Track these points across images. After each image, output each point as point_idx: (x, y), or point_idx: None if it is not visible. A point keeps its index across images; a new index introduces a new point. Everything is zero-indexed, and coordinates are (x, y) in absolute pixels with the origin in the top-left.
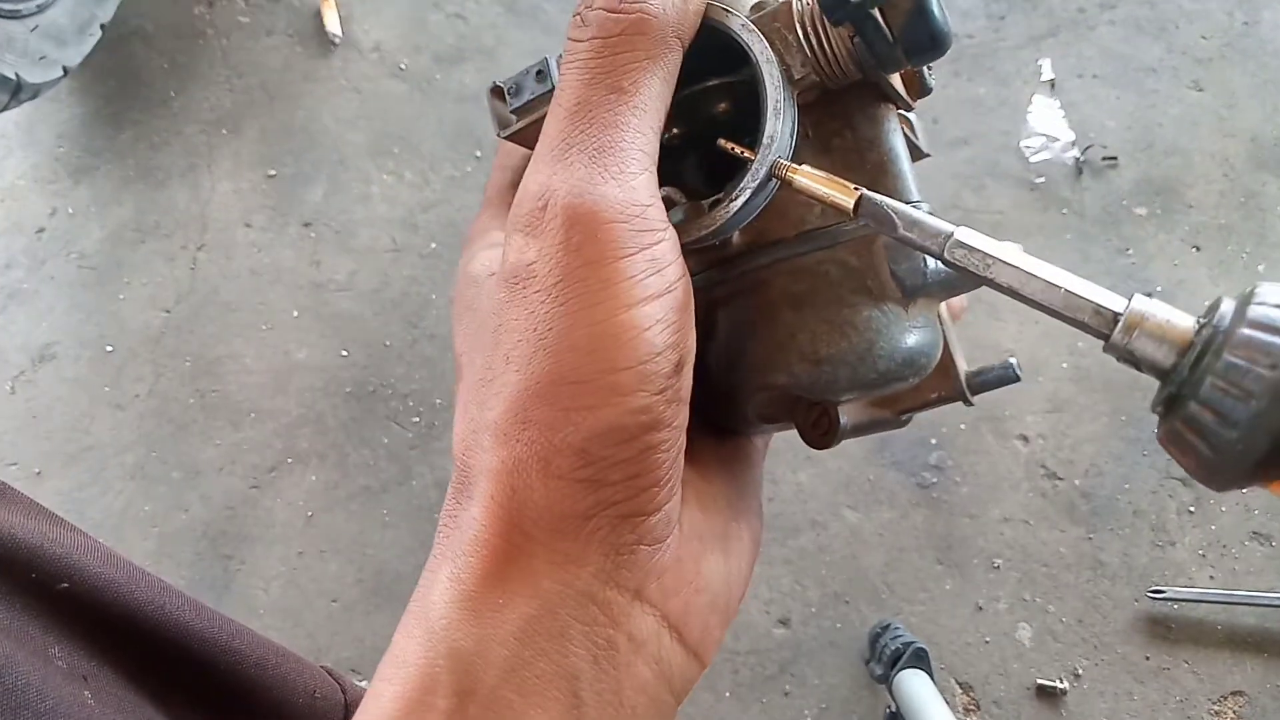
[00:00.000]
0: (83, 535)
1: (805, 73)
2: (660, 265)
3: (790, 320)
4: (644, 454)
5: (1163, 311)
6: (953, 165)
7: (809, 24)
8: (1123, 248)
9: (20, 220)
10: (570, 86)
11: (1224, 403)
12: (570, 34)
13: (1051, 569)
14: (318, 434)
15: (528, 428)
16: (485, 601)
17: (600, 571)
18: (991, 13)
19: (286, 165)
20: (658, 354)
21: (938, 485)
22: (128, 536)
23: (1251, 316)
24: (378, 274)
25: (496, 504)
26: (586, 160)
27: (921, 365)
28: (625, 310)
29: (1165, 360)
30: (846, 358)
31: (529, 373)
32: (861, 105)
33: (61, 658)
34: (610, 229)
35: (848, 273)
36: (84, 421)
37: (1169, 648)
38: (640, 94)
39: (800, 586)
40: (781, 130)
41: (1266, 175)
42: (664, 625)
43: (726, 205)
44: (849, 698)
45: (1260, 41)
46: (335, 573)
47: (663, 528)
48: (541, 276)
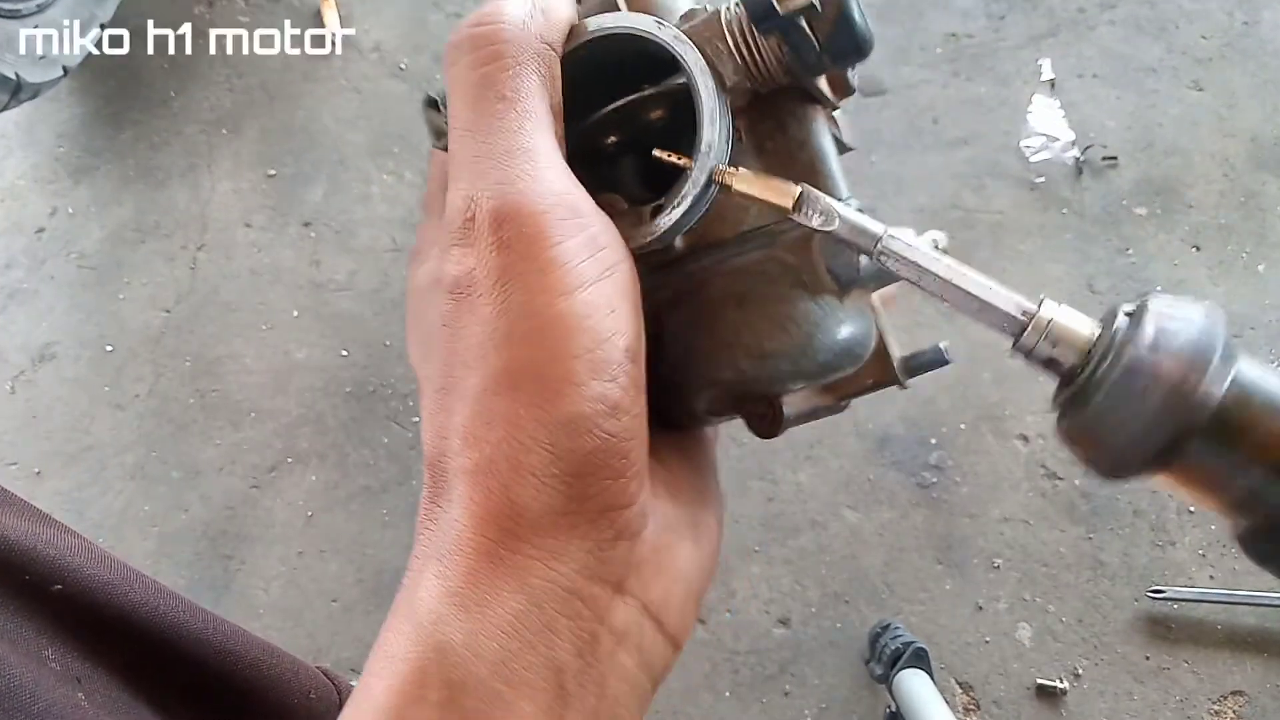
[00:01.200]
0: (77, 537)
1: (737, 79)
2: (595, 249)
3: (734, 318)
4: (609, 443)
5: (1068, 316)
6: (953, 165)
7: (738, 33)
8: (1123, 247)
9: (20, 220)
10: (460, 108)
11: (1125, 399)
12: (445, 66)
13: (1051, 569)
14: (318, 434)
15: (493, 428)
16: (473, 598)
17: (583, 567)
18: (991, 12)
19: (286, 165)
20: (604, 340)
21: (938, 485)
22: (127, 536)
23: (1148, 319)
24: (378, 274)
25: (476, 504)
26: (496, 165)
27: (858, 354)
28: (563, 298)
29: (1068, 362)
30: (788, 351)
31: (485, 373)
32: (791, 107)
33: (55, 660)
34: (535, 219)
35: (785, 270)
36: (84, 421)
37: (1169, 647)
38: (523, 99)
39: (800, 586)
40: (718, 137)
41: (1266, 175)
42: (644, 615)
43: (669, 213)
44: (849, 697)
45: (1260, 41)
46: (335, 572)
47: (639, 520)
48: (481, 280)
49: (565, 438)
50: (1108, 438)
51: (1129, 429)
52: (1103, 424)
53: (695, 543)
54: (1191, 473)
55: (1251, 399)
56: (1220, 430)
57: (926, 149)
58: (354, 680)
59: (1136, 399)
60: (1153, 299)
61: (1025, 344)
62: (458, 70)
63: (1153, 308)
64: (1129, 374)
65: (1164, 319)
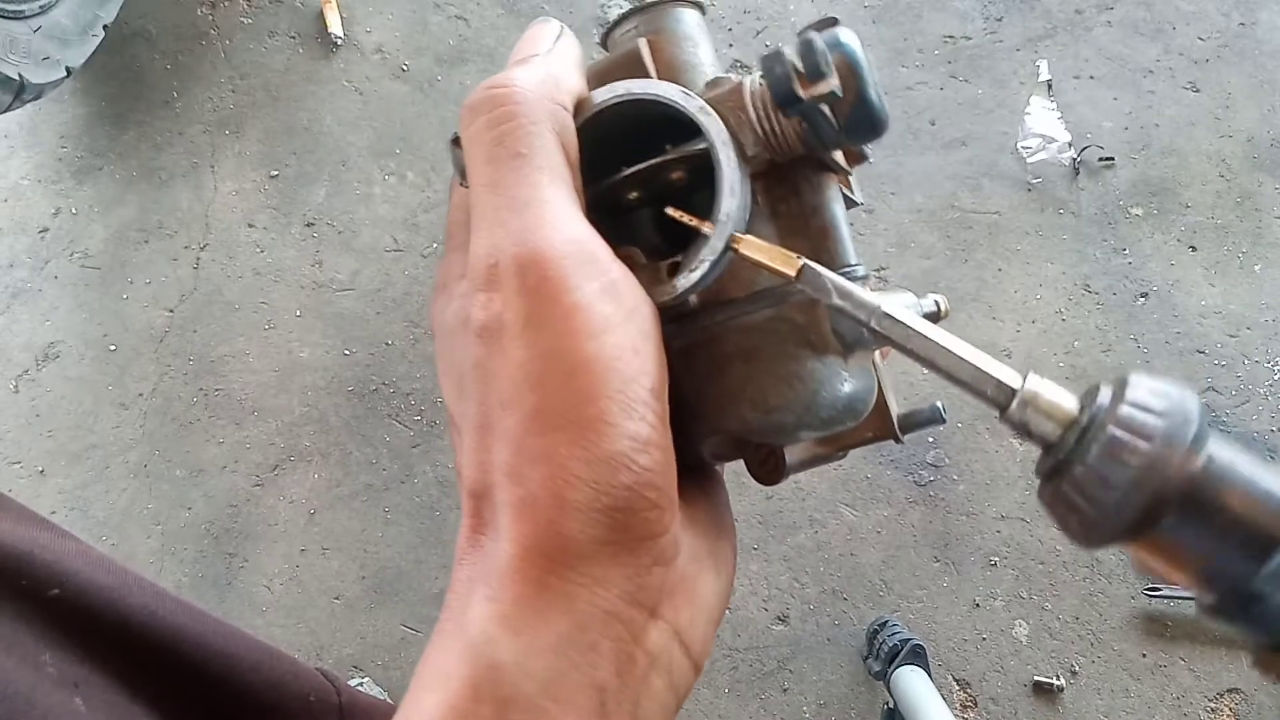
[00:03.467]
0: (75, 541)
1: (757, 150)
2: (615, 294)
3: (742, 372)
4: (644, 477)
5: (1052, 391)
6: (950, 166)
7: (760, 108)
8: (1119, 248)
9: (24, 220)
10: (478, 166)
11: (1106, 470)
12: (462, 127)
13: (1048, 566)
14: (320, 432)
15: (536, 466)
16: (522, 620)
17: (624, 593)
18: (989, 14)
19: (289, 166)
20: (632, 380)
21: (935, 483)
22: (131, 534)
23: (1129, 398)
24: (380, 274)
25: (524, 536)
26: (517, 217)
27: (859, 410)
28: (591, 341)
29: (1052, 434)
30: (793, 407)
31: (523, 414)
32: (806, 174)
33: (52, 665)
34: (557, 264)
35: (793, 329)
36: (87, 420)
37: (1165, 645)
38: (538, 154)
39: (798, 583)
40: (736, 208)
41: (1263, 175)
42: (674, 639)
43: (686, 275)
44: (847, 694)
45: (1257, 42)
46: (338, 570)
47: (672, 548)
48: (509, 324)
49: (605, 474)
50: (1085, 507)
51: (1105, 500)
52: (1081, 494)
53: (716, 571)
54: (1162, 544)
55: (1223, 477)
56: (1192, 505)
57: (924, 150)
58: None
59: (1114, 472)
60: (1132, 377)
61: (1012, 415)
62: (474, 130)
63: (1132, 386)
64: (1108, 448)
65: (1142, 398)
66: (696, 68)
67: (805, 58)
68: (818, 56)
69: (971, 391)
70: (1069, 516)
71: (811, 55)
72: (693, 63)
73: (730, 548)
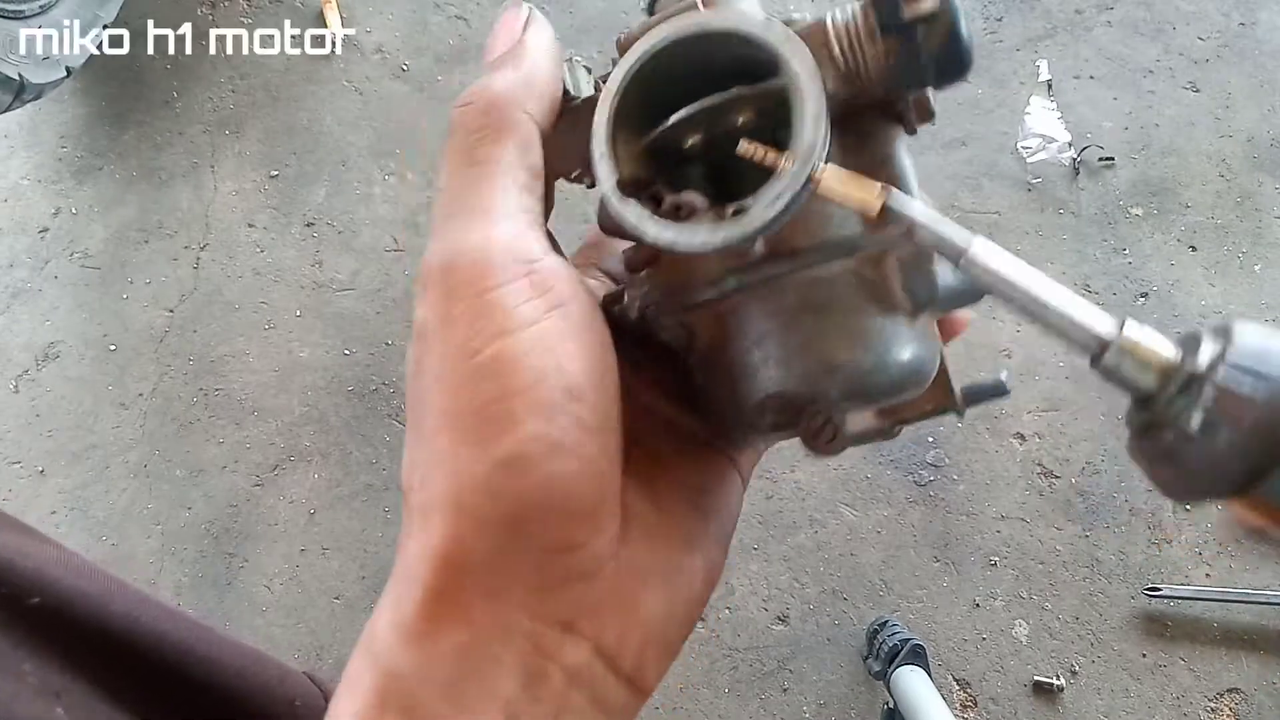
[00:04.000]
0: (56, 547)
1: (837, 87)
2: (540, 291)
3: (808, 326)
4: (551, 484)
5: (1151, 339)
6: (950, 166)
7: (845, 39)
8: (1119, 248)
9: (24, 220)
10: (442, 175)
11: (1214, 427)
12: None
13: (1048, 566)
14: (320, 432)
15: (439, 466)
16: (421, 630)
17: (524, 605)
18: (989, 14)
19: (289, 166)
20: (542, 379)
21: (935, 483)
22: (131, 535)
23: (1238, 349)
24: (380, 274)
25: (426, 541)
26: (455, 223)
27: (925, 376)
28: (500, 339)
29: (1149, 385)
30: (861, 365)
31: (434, 411)
32: (875, 123)
33: (33, 674)
34: (475, 268)
35: (862, 283)
36: (88, 420)
37: (1165, 645)
38: (491, 162)
39: (798, 583)
40: (821, 139)
41: (1262, 175)
42: (597, 656)
43: (765, 208)
44: (847, 694)
45: (1256, 42)
46: (338, 570)
47: (591, 562)
48: (430, 326)
49: (503, 477)
50: (1190, 464)
51: (1212, 458)
52: (1185, 450)
53: (667, 589)
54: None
55: None
56: None
57: (924, 149)
58: None
59: (1223, 429)
60: (1237, 325)
61: (1106, 364)
62: (449, 143)
63: (1239, 335)
64: (1217, 403)
65: (1251, 350)
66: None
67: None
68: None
69: (1064, 338)
70: (1169, 472)
71: None
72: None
73: (705, 563)
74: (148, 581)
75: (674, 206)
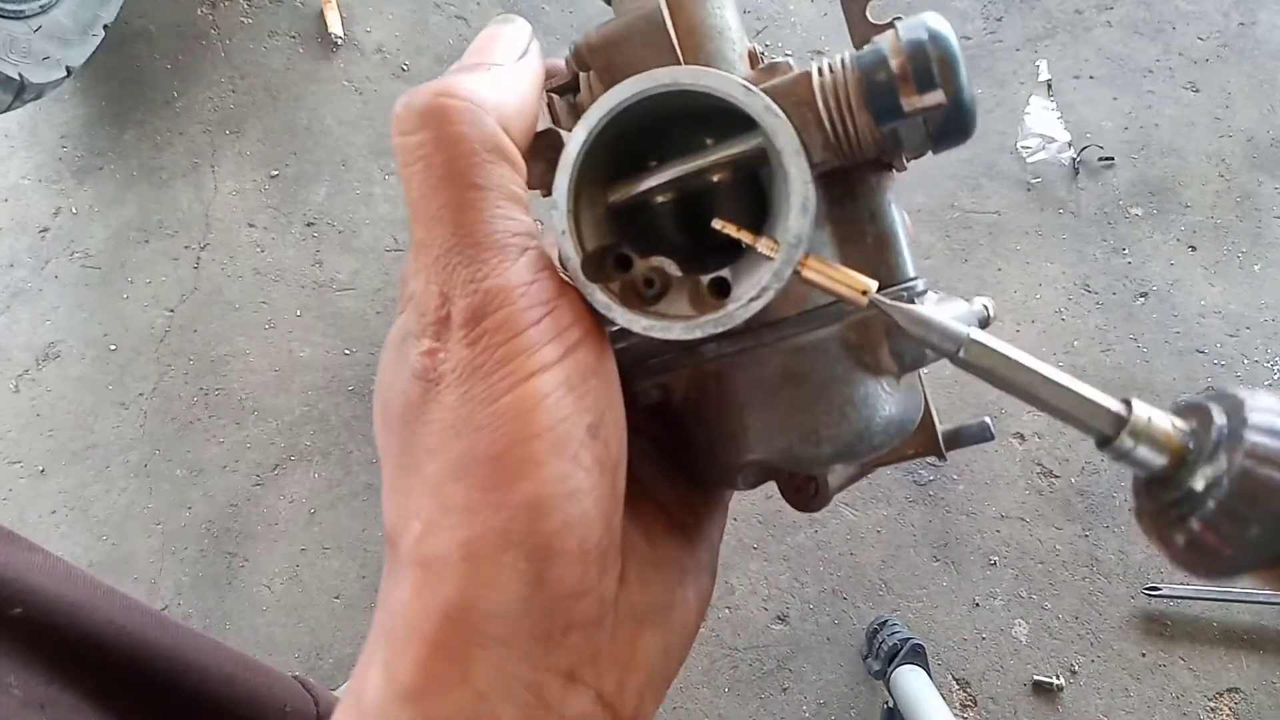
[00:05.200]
0: (41, 554)
1: (825, 156)
2: (557, 331)
3: (790, 399)
4: (569, 527)
5: (1161, 419)
6: (950, 165)
7: (835, 108)
8: (1119, 248)
9: (24, 220)
10: (427, 189)
11: (1242, 507)
12: (398, 128)
13: (1048, 566)
14: (320, 432)
15: (448, 514)
16: (418, 690)
17: (529, 656)
18: (989, 14)
19: (289, 165)
20: (564, 418)
21: (935, 483)
22: (131, 534)
23: (1253, 424)
24: (380, 273)
25: (427, 594)
26: (467, 263)
27: (908, 430)
28: (524, 382)
29: (1162, 466)
30: (845, 436)
31: (445, 459)
32: (864, 174)
33: (18, 686)
34: (501, 315)
35: (847, 350)
36: (88, 420)
37: (1165, 644)
38: (491, 187)
39: (798, 583)
40: (807, 229)
41: (1262, 175)
42: (598, 704)
43: (745, 305)
44: (846, 694)
45: (1256, 42)
46: (338, 569)
47: (595, 609)
48: (448, 373)
49: (523, 521)
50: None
51: (1244, 538)
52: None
53: (663, 627)
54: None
55: None
56: None
57: None
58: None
59: (1251, 509)
60: (1247, 398)
61: (1119, 447)
62: (417, 141)
63: (1251, 410)
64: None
65: (1265, 423)
66: (724, 34)
67: (915, 62)
68: (930, 62)
69: (1072, 422)
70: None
71: (924, 61)
72: (719, 28)
73: (696, 593)
74: (148, 582)
75: (645, 280)
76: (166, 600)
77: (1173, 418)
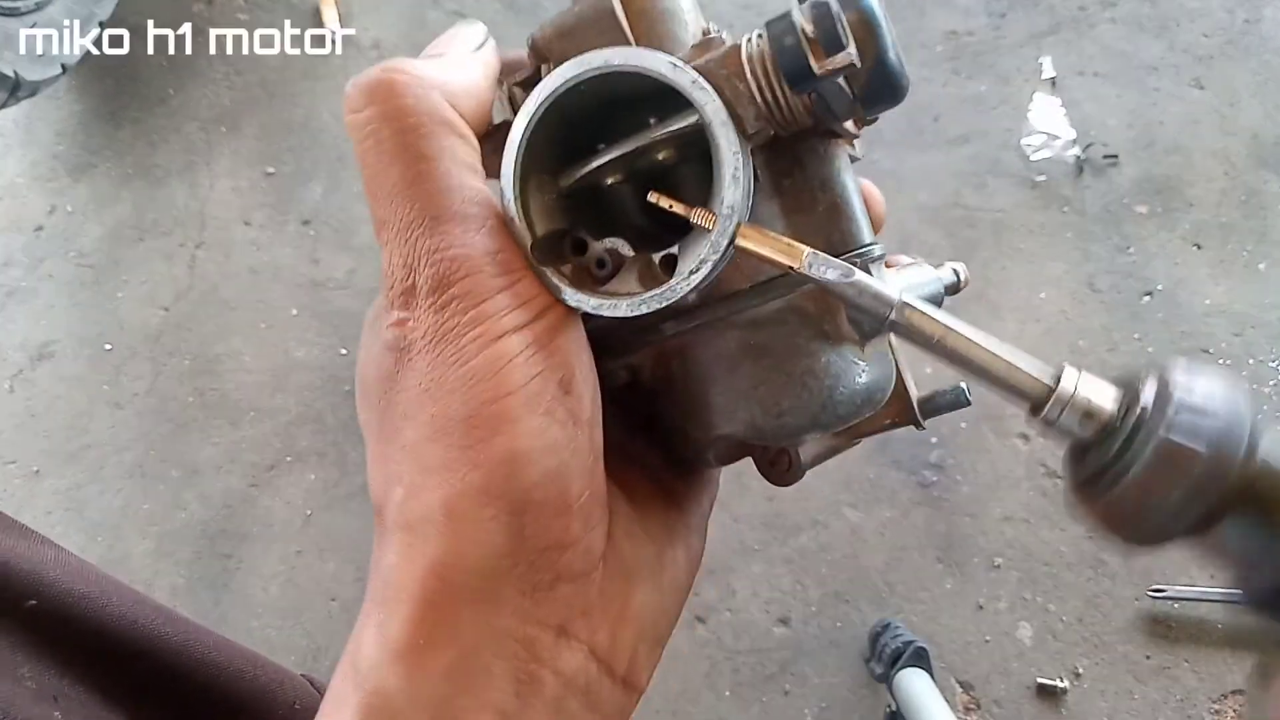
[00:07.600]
0: (54, 548)
1: (759, 126)
2: (523, 299)
3: (750, 373)
4: (549, 479)
5: (1090, 389)
6: (954, 163)
7: (762, 75)
8: (1123, 246)
9: (19, 218)
10: (383, 164)
11: (1162, 479)
12: (349, 107)
13: (1052, 568)
14: (316, 432)
15: (429, 475)
16: (409, 646)
17: (518, 610)
18: (992, 10)
19: (285, 163)
20: (535, 374)
21: (938, 484)
22: (126, 535)
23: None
24: (377, 272)
25: (413, 555)
26: (430, 234)
27: (878, 400)
28: (493, 343)
29: (1089, 435)
30: (808, 407)
31: (421, 423)
32: (811, 144)
33: (31, 678)
34: (468, 282)
35: (805, 320)
36: (82, 420)
37: (1169, 647)
38: (444, 158)
39: (801, 585)
40: (740, 198)
41: (1267, 173)
42: (591, 659)
43: (686, 278)
44: (849, 697)
45: (1262, 39)
46: (334, 571)
47: (583, 562)
48: (419, 340)
49: (502, 476)
50: (1144, 514)
51: (1163, 509)
52: (1134, 503)
53: (656, 584)
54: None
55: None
56: (1251, 506)
57: (927, 147)
58: None
59: (1171, 480)
60: (1176, 373)
61: (1046, 416)
62: (366, 117)
63: (1178, 384)
64: (1162, 455)
65: (1193, 399)
66: (676, 15)
67: (820, 24)
68: (835, 22)
69: (1001, 390)
70: (1122, 524)
71: (828, 22)
72: (671, 9)
73: (686, 553)
74: (143, 584)
75: (598, 262)
76: (162, 603)
77: (1107, 387)
